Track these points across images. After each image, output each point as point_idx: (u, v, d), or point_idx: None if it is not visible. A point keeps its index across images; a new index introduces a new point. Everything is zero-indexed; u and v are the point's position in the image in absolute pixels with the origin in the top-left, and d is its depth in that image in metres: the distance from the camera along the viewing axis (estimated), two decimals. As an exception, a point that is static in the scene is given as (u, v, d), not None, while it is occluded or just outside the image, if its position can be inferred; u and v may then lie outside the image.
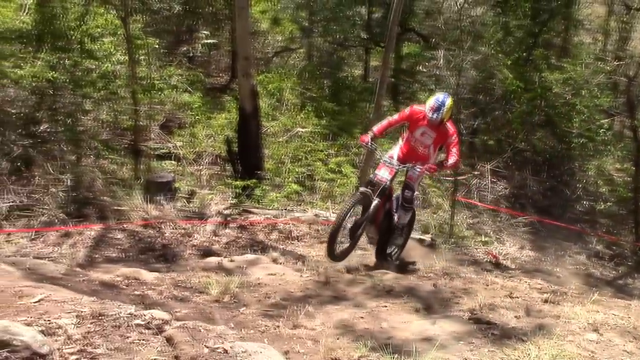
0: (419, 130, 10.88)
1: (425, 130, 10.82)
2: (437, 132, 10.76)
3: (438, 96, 10.60)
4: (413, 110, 10.99)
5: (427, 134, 10.86)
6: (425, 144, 10.97)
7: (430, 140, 10.90)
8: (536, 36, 23.17)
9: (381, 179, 10.50)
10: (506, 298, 10.73)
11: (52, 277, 8.58)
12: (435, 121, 10.43)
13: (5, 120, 15.02)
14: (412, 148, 11.10)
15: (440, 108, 10.33)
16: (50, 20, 15.29)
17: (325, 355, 7.59)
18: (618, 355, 8.65)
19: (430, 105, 10.39)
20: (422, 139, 10.94)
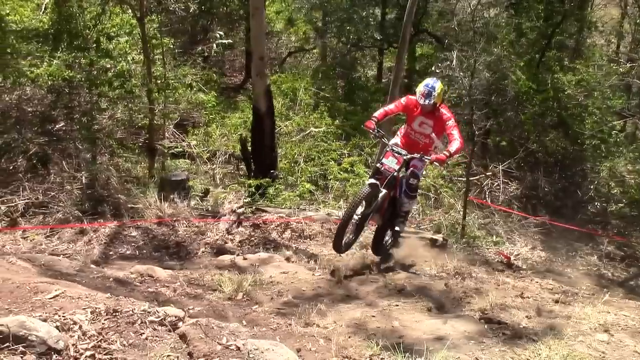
0: (416, 121, 10.64)
1: (422, 119, 10.57)
2: (433, 119, 10.45)
3: (427, 81, 10.28)
4: (409, 100, 10.67)
5: (424, 124, 10.58)
6: (425, 134, 10.65)
7: (430, 129, 10.56)
8: (549, 38, 23.12)
9: (389, 168, 10.23)
10: (517, 298, 10.72)
11: (67, 273, 8.61)
12: (427, 107, 10.19)
13: (21, 119, 15.08)
14: (413, 140, 10.80)
15: (430, 93, 10.04)
16: (67, 19, 15.33)
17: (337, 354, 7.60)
18: (629, 356, 8.64)
19: (420, 92, 10.11)
20: (421, 129, 10.66)
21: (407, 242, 13.44)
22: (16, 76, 14.84)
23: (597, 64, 21.37)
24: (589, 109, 20.46)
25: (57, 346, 4.50)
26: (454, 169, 19.29)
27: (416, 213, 16.97)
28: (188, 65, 19.81)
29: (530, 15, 23.44)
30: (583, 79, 20.14)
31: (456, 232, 16.45)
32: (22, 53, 14.93)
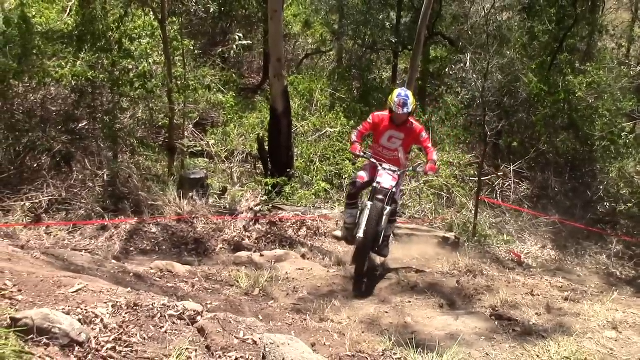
0: (385, 135, 10.24)
1: (392, 133, 10.19)
2: (404, 132, 10.14)
3: (399, 92, 9.95)
4: (375, 117, 10.31)
5: (394, 137, 10.22)
6: (393, 149, 10.30)
7: (399, 142, 10.24)
8: (561, 41, 23.07)
9: (386, 186, 9.80)
10: (527, 296, 10.70)
11: (89, 268, 8.65)
12: (403, 117, 9.85)
13: (46, 118, 15.14)
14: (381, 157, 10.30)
15: (406, 102, 9.73)
16: (91, 21, 15.39)
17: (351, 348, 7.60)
18: (637, 353, 8.61)
19: (396, 103, 9.74)
20: (390, 144, 10.28)
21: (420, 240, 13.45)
22: (41, 76, 14.90)
23: (607, 67, 21.31)
24: (599, 111, 20.42)
25: (80, 338, 4.52)
26: (466, 169, 19.25)
27: (429, 212, 16.96)
28: (207, 67, 19.84)
29: (543, 19, 23.41)
30: (594, 81, 20.09)
31: (468, 231, 16.44)
32: (48, 54, 14.99)
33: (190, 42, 17.91)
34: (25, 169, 14.42)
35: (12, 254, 6.90)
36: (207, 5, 21.51)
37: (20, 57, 14.63)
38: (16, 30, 14.77)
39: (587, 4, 23.70)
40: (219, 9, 21.82)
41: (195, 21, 21.51)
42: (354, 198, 10.67)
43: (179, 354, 4.82)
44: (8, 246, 7.93)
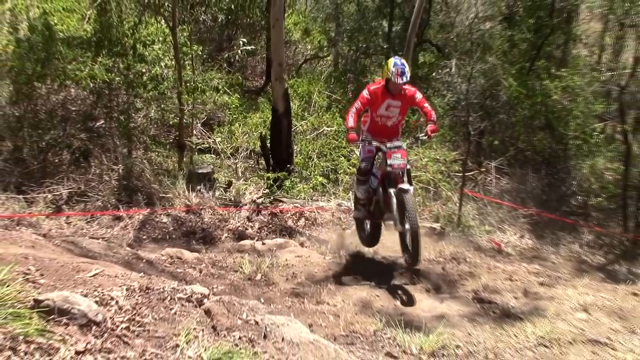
0: (383, 105, 9.53)
1: (389, 102, 9.51)
2: (400, 99, 9.50)
3: (395, 61, 9.17)
4: (372, 91, 9.43)
5: (392, 106, 9.56)
6: (392, 116, 9.71)
7: (397, 110, 9.63)
8: (538, 48, 23.07)
9: (400, 165, 9.16)
10: (506, 281, 10.74)
11: (105, 254, 8.66)
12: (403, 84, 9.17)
13: (66, 117, 15.13)
14: (381, 126, 9.78)
15: (404, 71, 9.06)
16: (108, 28, 15.38)
17: (345, 329, 7.63)
18: (605, 332, 8.63)
19: (394, 72, 9.03)
20: (389, 112, 9.65)
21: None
22: (62, 79, 14.90)
23: (581, 72, 21.29)
24: (573, 113, 20.39)
25: (97, 319, 4.53)
26: (451, 165, 19.23)
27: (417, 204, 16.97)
28: (214, 70, 19.82)
29: (522, 28, 23.40)
30: (568, 85, 20.07)
31: (453, 222, 16.44)
32: (68, 58, 14.97)
33: (199, 47, 17.89)
34: (47, 164, 14.42)
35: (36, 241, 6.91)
36: (215, 14, 21.51)
37: (43, 61, 14.62)
38: (40, 36, 14.78)
39: (562, 14, 23.68)
40: (225, 17, 21.81)
41: (203, 28, 21.48)
42: (367, 174, 9.99)
43: (187, 333, 4.82)
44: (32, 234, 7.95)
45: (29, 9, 15.65)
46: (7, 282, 4.33)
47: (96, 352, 4.27)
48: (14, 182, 13.49)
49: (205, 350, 4.66)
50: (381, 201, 9.65)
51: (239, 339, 5.20)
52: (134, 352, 4.44)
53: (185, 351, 4.62)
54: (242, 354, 4.79)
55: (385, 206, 9.54)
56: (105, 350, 4.33)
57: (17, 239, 6.67)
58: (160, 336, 4.79)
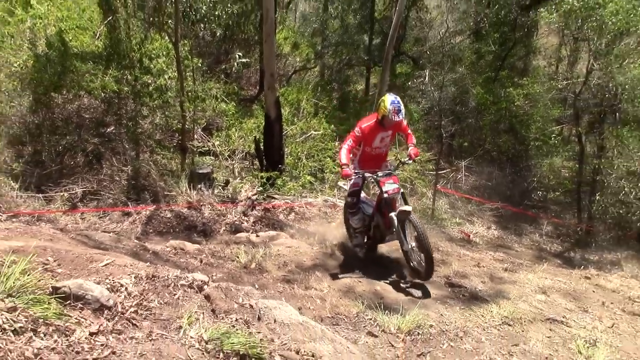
0: (378, 138, 9.21)
1: (382, 135, 9.18)
2: (390, 129, 9.16)
3: (391, 99, 8.80)
4: (364, 128, 9.06)
5: (385, 137, 9.26)
6: (384, 145, 9.40)
7: (388, 139, 9.38)
8: (503, 60, 23.18)
9: (394, 189, 8.81)
10: (474, 267, 10.80)
11: (115, 246, 8.65)
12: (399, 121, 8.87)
13: (80, 124, 15.12)
14: (374, 157, 9.41)
15: (400, 108, 8.72)
16: (117, 44, 15.38)
17: (331, 311, 7.66)
18: (561, 312, 8.72)
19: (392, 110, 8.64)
20: (382, 144, 9.35)
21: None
22: (77, 89, 14.92)
23: (540, 81, 21.40)
24: (533, 117, 20.53)
25: (108, 303, 4.54)
26: (425, 164, 19.29)
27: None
28: (213, 81, 19.78)
29: (488, 42, 23.51)
30: (529, 93, 20.18)
31: (427, 215, 16.50)
32: (82, 71, 14.98)
33: (199, 60, 17.87)
34: (64, 166, 14.40)
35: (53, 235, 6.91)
36: (213, 30, 21.49)
37: (59, 73, 14.63)
38: (56, 52, 14.78)
39: (523, 29, 23.78)
40: (222, 33, 21.77)
41: (203, 43, 21.43)
42: (355, 206, 9.66)
43: (190, 316, 4.84)
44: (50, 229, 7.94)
45: (46, 27, 15.64)
46: (28, 272, 4.35)
47: (108, 333, 4.29)
48: (34, 182, 13.48)
49: (206, 331, 4.68)
50: (381, 225, 9.34)
51: (235, 320, 5.22)
52: (141, 333, 4.46)
53: (188, 332, 4.64)
54: (239, 334, 4.81)
55: (385, 229, 9.20)
56: (116, 332, 4.35)
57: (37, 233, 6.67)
58: (165, 319, 4.81)
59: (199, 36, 21.19)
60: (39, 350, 3.82)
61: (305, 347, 5.17)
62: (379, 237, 9.57)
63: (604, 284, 10.91)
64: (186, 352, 4.40)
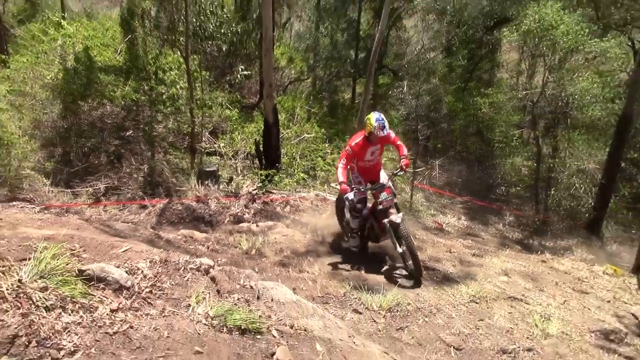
0: (368, 152, 8.94)
1: (372, 149, 8.91)
2: (378, 143, 8.87)
3: (375, 116, 8.60)
4: (354, 146, 8.81)
5: (374, 151, 8.99)
6: (376, 157, 9.13)
7: (378, 151, 9.08)
8: (470, 73, 23.27)
9: (388, 200, 8.75)
10: (447, 253, 10.83)
11: (133, 235, 8.65)
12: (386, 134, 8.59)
13: (103, 128, 15.11)
14: (369, 168, 9.19)
15: (384, 125, 8.51)
16: (135, 59, 15.38)
17: (321, 291, 7.68)
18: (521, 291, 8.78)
19: (376, 127, 8.46)
20: (373, 157, 9.07)
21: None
22: (100, 98, 14.93)
23: (503, 91, 21.48)
24: (497, 122, 20.58)
25: (126, 284, 4.55)
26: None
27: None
28: (219, 90, 19.76)
29: (458, 57, 23.57)
30: (494, 101, 20.24)
31: (406, 208, 16.51)
32: (105, 82, 14.98)
33: (206, 73, 17.88)
34: (89, 165, 14.38)
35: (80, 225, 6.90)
36: (219, 46, 21.46)
37: (85, 84, 14.65)
38: (83, 65, 14.81)
39: (488, 46, 23.90)
40: (227, 48, 21.75)
41: (210, 58, 21.39)
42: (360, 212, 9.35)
43: (197, 295, 4.85)
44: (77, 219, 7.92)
45: (74, 45, 15.66)
46: (58, 256, 4.34)
47: (126, 310, 4.29)
48: (63, 179, 13.47)
49: (211, 308, 4.69)
50: (376, 228, 9.19)
51: (237, 299, 5.23)
52: (155, 310, 4.46)
53: (196, 309, 4.65)
54: (240, 311, 4.82)
55: (380, 232, 9.10)
56: (133, 309, 4.36)
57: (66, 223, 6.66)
58: (176, 298, 4.81)
59: (207, 52, 21.16)
60: (67, 324, 3.83)
61: (298, 323, 5.18)
62: (373, 238, 9.50)
63: (557, 266, 10.97)
64: (194, 327, 4.41)
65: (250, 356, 4.33)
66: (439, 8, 23.90)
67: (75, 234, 5.67)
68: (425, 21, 25.68)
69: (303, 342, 4.91)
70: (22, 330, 3.59)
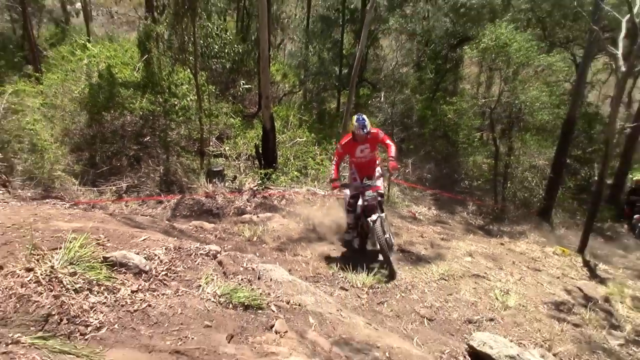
0: (358, 150, 8.64)
1: (361, 147, 8.60)
2: (369, 141, 8.54)
3: (357, 117, 8.32)
4: (344, 145, 8.65)
5: (364, 148, 8.64)
6: (367, 154, 8.72)
7: (368, 149, 8.68)
8: (438, 84, 23.31)
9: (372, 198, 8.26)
10: (419, 237, 10.84)
11: (151, 226, 8.60)
12: (366, 134, 8.25)
13: (124, 135, 15.03)
14: (363, 164, 8.78)
15: (364, 124, 8.18)
16: (151, 75, 15.29)
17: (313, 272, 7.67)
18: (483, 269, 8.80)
19: (357, 126, 8.19)
20: (364, 154, 8.69)
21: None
22: (121, 109, 14.85)
23: (465, 100, 21.50)
24: (461, 126, 20.59)
25: (145, 269, 4.52)
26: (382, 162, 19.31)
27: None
28: (223, 102, 19.69)
29: (427, 71, 23.62)
30: (457, 108, 20.25)
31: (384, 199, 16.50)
32: (125, 95, 14.91)
33: (213, 87, 17.84)
34: (112, 167, 14.29)
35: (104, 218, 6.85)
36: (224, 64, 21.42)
37: (108, 98, 14.58)
38: (105, 81, 14.73)
39: (453, 62, 24.00)
40: (230, 66, 21.69)
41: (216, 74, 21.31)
42: (354, 205, 8.79)
43: (206, 277, 4.83)
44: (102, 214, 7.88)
45: (98, 63, 15.56)
46: (85, 245, 4.32)
47: (145, 291, 4.27)
48: (90, 179, 13.38)
49: (219, 288, 4.67)
50: (364, 225, 8.73)
51: (241, 280, 5.22)
52: (170, 290, 4.44)
53: (205, 289, 4.63)
54: (244, 289, 4.81)
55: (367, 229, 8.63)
56: (151, 290, 4.33)
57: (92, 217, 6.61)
58: (188, 279, 4.79)
59: (213, 69, 21.08)
60: (93, 304, 3.82)
61: (293, 299, 5.17)
62: (365, 235, 9.18)
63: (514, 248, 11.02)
64: (204, 304, 4.38)
65: (253, 328, 4.31)
66: (410, 30, 23.87)
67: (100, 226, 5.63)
68: (399, 41, 25.69)
69: (298, 315, 4.90)
70: (54, 309, 3.57)
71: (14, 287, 3.64)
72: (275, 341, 4.21)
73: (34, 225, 5.18)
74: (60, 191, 11.81)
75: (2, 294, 3.56)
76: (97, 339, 3.52)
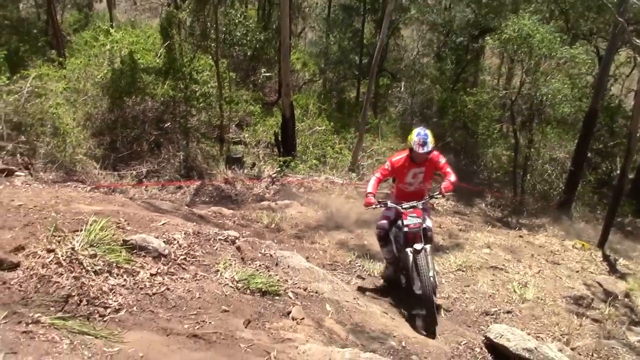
0: (409, 174, 6.36)
1: (414, 171, 6.32)
2: (425, 165, 6.29)
3: (418, 131, 6.13)
4: (393, 162, 6.38)
5: (418, 173, 6.34)
6: (419, 181, 6.42)
7: (422, 176, 6.37)
8: (458, 74, 23.08)
9: (416, 224, 5.94)
10: (437, 228, 10.76)
11: (170, 211, 8.63)
12: (426, 154, 6.10)
13: (145, 120, 15.10)
14: (409, 193, 6.45)
15: (426, 141, 6.00)
16: (173, 61, 15.34)
17: (330, 259, 7.65)
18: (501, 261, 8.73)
19: (416, 142, 6.02)
20: (414, 180, 6.40)
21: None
22: (142, 95, 14.91)
23: (486, 91, 21.26)
24: (481, 117, 20.37)
25: (164, 253, 4.52)
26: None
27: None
28: (244, 89, 19.73)
29: (447, 62, 23.39)
30: (478, 99, 20.03)
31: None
32: (146, 81, 14.97)
33: (233, 74, 17.85)
34: (133, 152, 14.39)
35: (125, 202, 6.88)
36: (245, 51, 21.41)
37: (130, 83, 14.67)
38: (127, 67, 14.80)
39: (473, 53, 23.75)
40: (251, 53, 21.68)
41: (237, 61, 21.32)
42: (385, 239, 6.48)
43: (225, 262, 4.82)
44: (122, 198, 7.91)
45: (121, 49, 15.62)
46: (105, 228, 4.33)
47: (164, 274, 4.27)
48: (111, 164, 13.49)
49: (237, 273, 4.67)
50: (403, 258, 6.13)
51: (259, 266, 5.21)
52: (189, 275, 4.44)
53: (223, 274, 4.62)
54: (261, 275, 4.80)
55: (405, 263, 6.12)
56: (170, 273, 4.34)
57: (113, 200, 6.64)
58: (206, 264, 4.78)
59: (234, 56, 21.09)
60: (113, 286, 3.83)
61: (311, 286, 5.15)
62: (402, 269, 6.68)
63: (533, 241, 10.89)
64: (222, 289, 4.38)
65: (270, 314, 4.30)
66: (432, 20, 23.68)
67: (120, 210, 5.64)
68: (420, 31, 25.54)
69: (315, 302, 4.88)
70: (74, 290, 3.59)
71: (35, 268, 3.66)
72: (292, 328, 4.20)
73: (56, 207, 5.20)
74: (81, 174, 11.89)
75: (23, 274, 3.58)
76: (115, 320, 3.53)
